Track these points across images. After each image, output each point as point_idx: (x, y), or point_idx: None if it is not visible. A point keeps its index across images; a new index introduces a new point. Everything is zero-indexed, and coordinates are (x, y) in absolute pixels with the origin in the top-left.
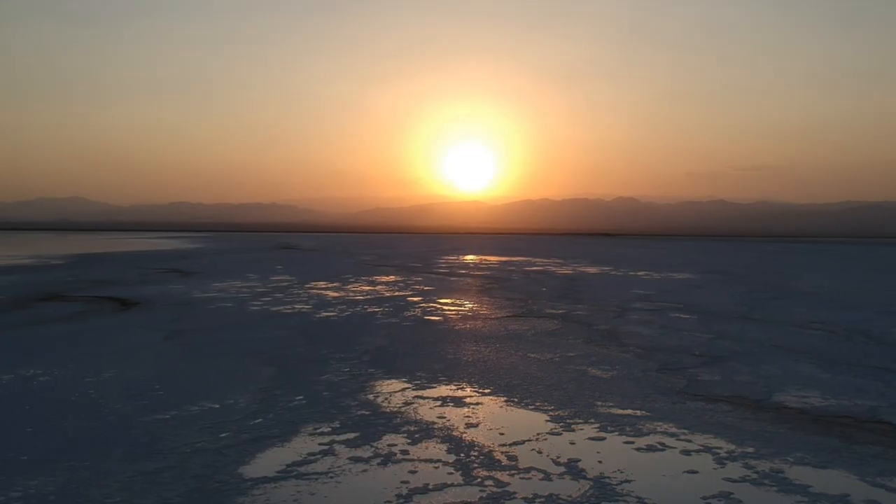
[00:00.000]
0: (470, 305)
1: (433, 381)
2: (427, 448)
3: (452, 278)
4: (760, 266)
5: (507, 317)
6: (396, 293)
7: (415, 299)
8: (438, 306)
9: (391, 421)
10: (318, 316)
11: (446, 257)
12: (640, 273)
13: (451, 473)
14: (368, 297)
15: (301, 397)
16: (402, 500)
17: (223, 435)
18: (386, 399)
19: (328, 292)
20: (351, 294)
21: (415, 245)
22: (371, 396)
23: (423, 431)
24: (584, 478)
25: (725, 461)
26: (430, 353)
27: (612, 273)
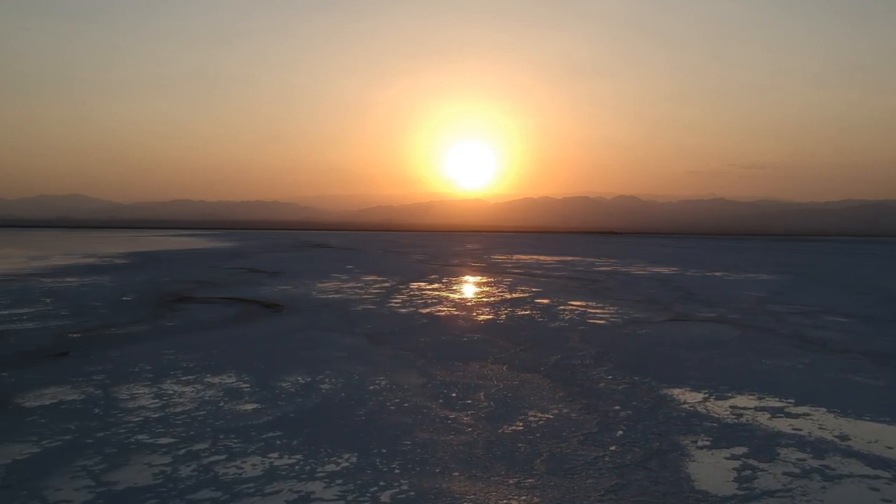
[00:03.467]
0: (612, 308)
1: (716, 389)
2: (848, 464)
3: (542, 279)
4: (822, 265)
5: (669, 321)
6: (513, 295)
7: (543, 301)
8: (579, 308)
9: (755, 433)
10: (479, 319)
11: (497, 256)
12: (716, 273)
13: None
14: (492, 298)
15: (618, 408)
16: None
17: (613, 448)
18: (708, 409)
19: (443, 293)
20: (470, 296)
21: (443, 243)
22: (688, 406)
23: (811, 445)
24: None
25: None
26: (664, 360)
27: (689, 274)
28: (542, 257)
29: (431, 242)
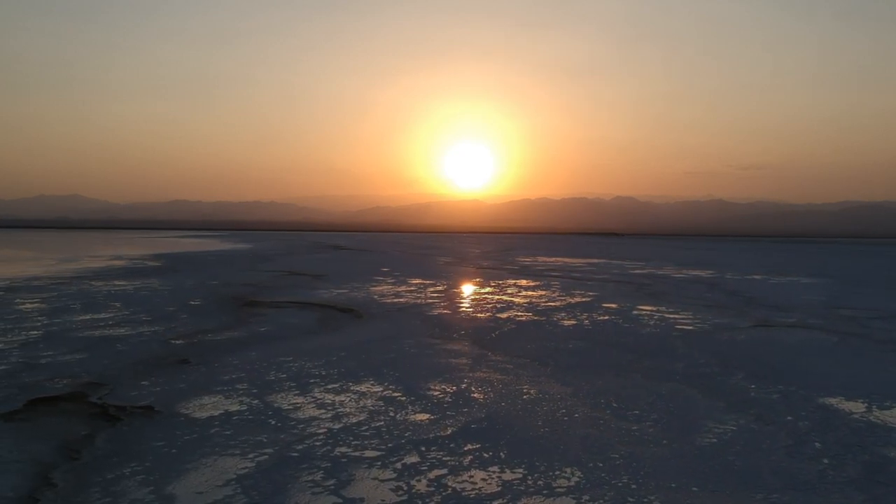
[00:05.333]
0: (687, 314)
1: (870, 398)
2: None
3: (588, 282)
4: (855, 268)
5: (757, 327)
6: (575, 299)
7: (611, 305)
8: (654, 313)
9: None
10: (565, 324)
11: (522, 258)
12: (755, 276)
13: None
14: (558, 303)
15: (791, 418)
16: None
17: (826, 461)
18: (883, 420)
19: (505, 297)
20: (535, 300)
21: (454, 245)
22: (858, 416)
23: None
24: None
25: None
26: (790, 368)
27: (729, 277)
28: (566, 259)
29: (441, 244)
